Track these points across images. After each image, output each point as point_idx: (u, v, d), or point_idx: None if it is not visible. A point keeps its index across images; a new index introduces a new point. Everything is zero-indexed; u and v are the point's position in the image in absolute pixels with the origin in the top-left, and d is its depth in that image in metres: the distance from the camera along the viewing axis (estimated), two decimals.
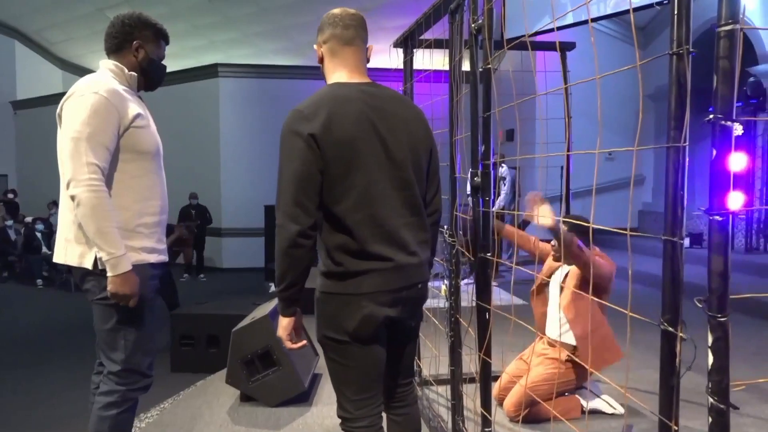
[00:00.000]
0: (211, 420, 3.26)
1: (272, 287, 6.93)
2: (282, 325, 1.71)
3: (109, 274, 1.87)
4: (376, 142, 1.66)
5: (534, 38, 5.45)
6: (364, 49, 1.80)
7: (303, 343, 1.76)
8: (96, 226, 1.84)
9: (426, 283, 1.82)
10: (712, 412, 1.01)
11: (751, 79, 7.45)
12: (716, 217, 1.00)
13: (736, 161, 7.10)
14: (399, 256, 1.68)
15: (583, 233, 2.83)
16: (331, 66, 1.79)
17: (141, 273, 1.97)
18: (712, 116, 1.00)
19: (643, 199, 10.08)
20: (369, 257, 1.64)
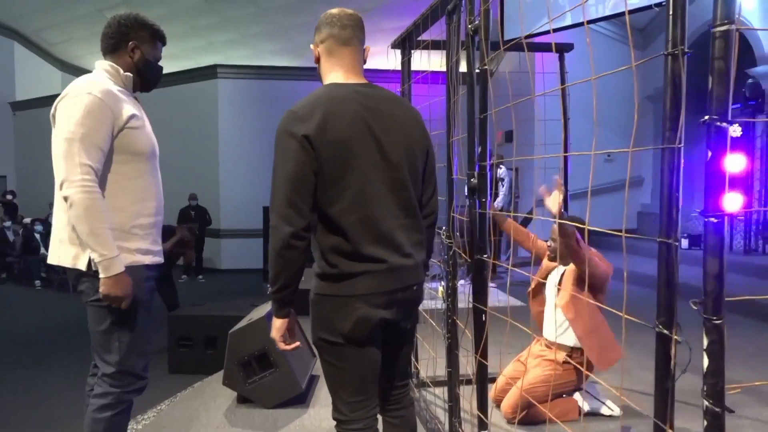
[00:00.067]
0: (207, 422, 3.25)
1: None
2: (275, 327, 1.70)
3: (101, 275, 1.86)
4: (371, 143, 1.65)
5: (533, 40, 5.44)
6: (361, 49, 1.78)
7: (296, 345, 1.75)
8: (89, 228, 1.83)
9: (421, 285, 1.81)
10: (707, 416, 1.00)
11: (749, 81, 7.45)
12: (711, 219, 0.99)
13: (734, 163, 7.10)
14: (393, 258, 1.67)
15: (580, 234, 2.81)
16: (328, 66, 1.78)
17: (135, 275, 1.96)
18: (707, 117, 0.99)
19: (641, 201, 10.07)
20: (363, 259, 1.63)
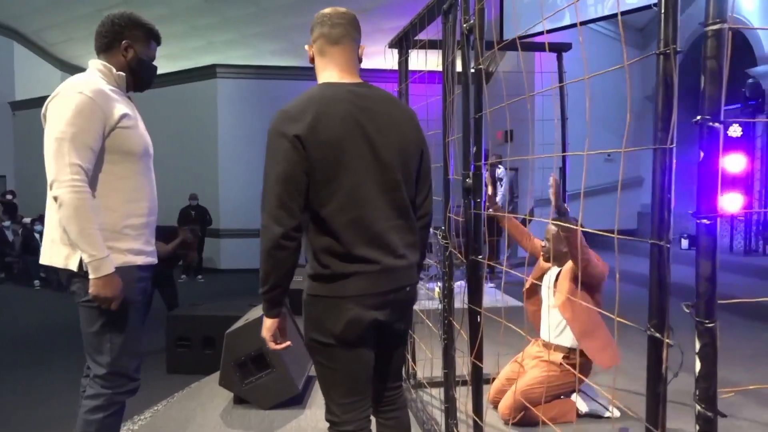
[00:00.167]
0: (204, 422, 3.24)
1: None
2: (266, 326, 1.69)
3: (91, 276, 1.85)
4: (364, 143, 1.63)
5: (533, 39, 5.42)
6: (355, 48, 1.75)
7: (287, 344, 1.74)
8: (78, 228, 1.82)
9: (415, 286, 1.79)
10: (699, 420, 0.99)
11: (749, 81, 7.43)
12: (704, 220, 0.98)
13: (733, 163, 7.08)
14: (386, 259, 1.65)
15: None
16: (321, 66, 1.76)
17: (127, 275, 1.94)
18: (699, 117, 0.97)
19: (642, 201, 10.05)
20: (355, 260, 1.62)
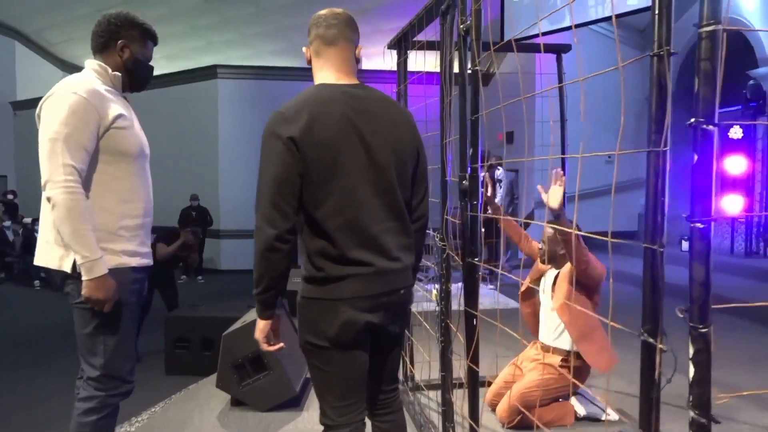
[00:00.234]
0: (201, 425, 3.23)
1: None
2: (259, 328, 1.69)
3: (83, 277, 1.83)
4: (359, 145, 1.62)
5: (533, 41, 5.41)
6: (351, 48, 1.74)
7: (280, 346, 1.73)
8: (71, 229, 1.81)
9: (410, 289, 1.78)
10: (693, 426, 0.98)
11: (750, 82, 7.40)
12: (698, 224, 0.96)
13: (734, 164, 7.06)
14: (380, 262, 1.64)
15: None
16: (317, 67, 1.75)
17: (121, 277, 1.93)
18: (693, 120, 0.96)
19: (642, 202, 10.03)
20: (349, 262, 1.61)
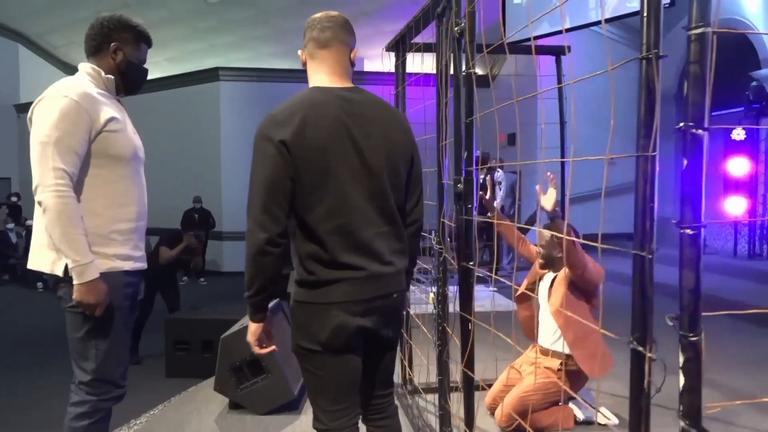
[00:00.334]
0: (198, 428, 3.22)
1: None
2: (251, 330, 1.68)
3: (74, 281, 1.83)
4: (351, 149, 1.61)
5: (535, 42, 5.38)
6: (346, 51, 1.72)
7: (272, 348, 1.72)
8: (61, 232, 1.80)
9: (403, 293, 1.77)
10: None
11: (753, 84, 7.36)
12: (687, 230, 0.95)
13: (737, 166, 7.03)
14: (373, 266, 1.63)
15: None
16: (311, 70, 1.74)
17: (114, 281, 1.92)
18: (682, 124, 0.95)
19: None
20: (340, 267, 1.60)
